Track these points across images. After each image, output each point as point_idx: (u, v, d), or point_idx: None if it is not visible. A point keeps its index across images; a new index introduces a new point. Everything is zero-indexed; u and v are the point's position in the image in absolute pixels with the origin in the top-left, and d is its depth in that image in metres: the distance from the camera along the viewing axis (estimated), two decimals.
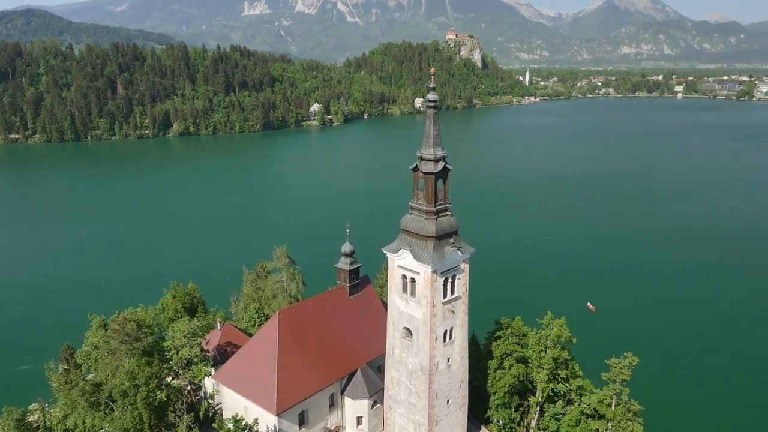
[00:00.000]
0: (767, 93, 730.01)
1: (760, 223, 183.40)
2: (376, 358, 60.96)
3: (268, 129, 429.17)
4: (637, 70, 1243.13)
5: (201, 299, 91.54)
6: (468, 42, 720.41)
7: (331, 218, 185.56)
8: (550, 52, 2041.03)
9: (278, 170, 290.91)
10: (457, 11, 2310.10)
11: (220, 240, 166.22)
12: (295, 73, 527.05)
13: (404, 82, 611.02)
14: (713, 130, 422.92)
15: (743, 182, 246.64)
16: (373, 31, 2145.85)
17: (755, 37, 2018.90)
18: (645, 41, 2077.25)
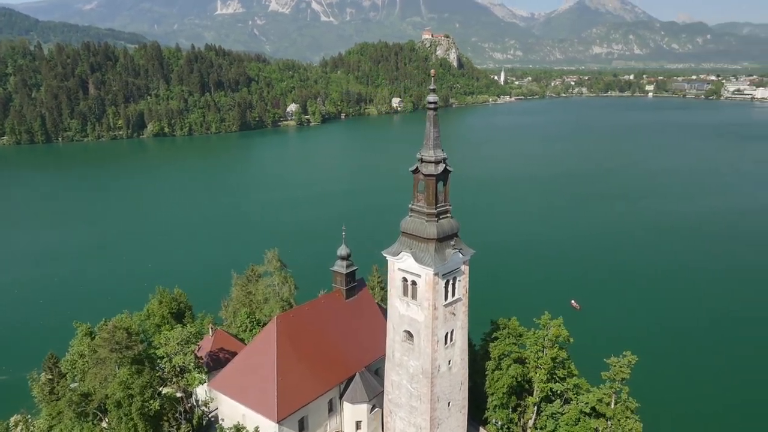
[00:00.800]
0: (734, 92, 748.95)
1: (733, 220, 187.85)
2: (373, 361, 60.45)
3: (245, 129, 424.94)
4: (609, 70, 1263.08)
5: (188, 304, 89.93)
6: (444, 42, 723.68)
7: (318, 219, 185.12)
8: (524, 52, 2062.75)
9: (259, 171, 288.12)
10: (432, 11, 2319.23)
11: (204, 243, 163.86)
12: (272, 73, 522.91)
13: (381, 82, 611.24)
14: (685, 129, 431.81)
15: (717, 180, 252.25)
16: (347, 30, 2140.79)
17: (721, 37, 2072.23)
18: (615, 41, 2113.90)
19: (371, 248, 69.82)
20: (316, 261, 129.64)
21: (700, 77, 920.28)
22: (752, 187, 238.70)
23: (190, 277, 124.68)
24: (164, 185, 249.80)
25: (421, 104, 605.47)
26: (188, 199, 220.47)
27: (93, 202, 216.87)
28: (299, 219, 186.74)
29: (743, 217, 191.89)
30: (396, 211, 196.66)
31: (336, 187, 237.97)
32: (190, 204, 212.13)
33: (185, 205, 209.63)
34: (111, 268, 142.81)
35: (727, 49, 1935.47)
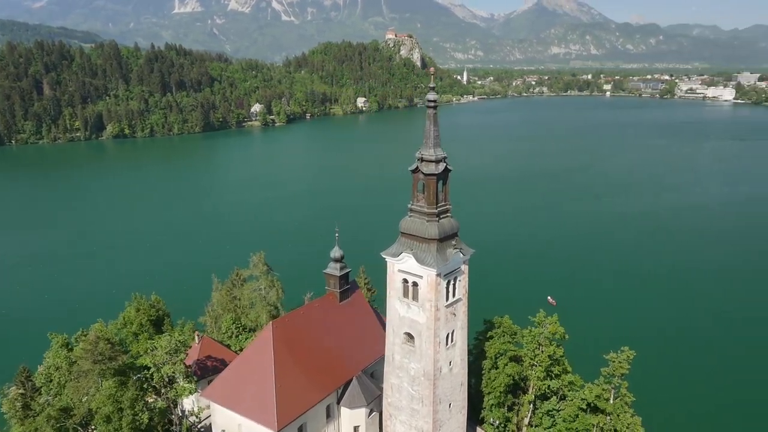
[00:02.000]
0: (687, 91, 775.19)
1: (703, 216, 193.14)
2: (370, 364, 59.43)
3: (208, 130, 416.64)
4: (567, 70, 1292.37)
5: (166, 311, 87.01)
6: (407, 42, 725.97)
7: (295, 221, 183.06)
8: (484, 52, 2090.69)
9: (229, 172, 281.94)
10: (393, 11, 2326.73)
11: (179, 248, 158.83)
12: (234, 73, 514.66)
13: (345, 82, 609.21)
14: (643, 127, 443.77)
15: (676, 176, 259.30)
16: (309, 30, 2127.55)
17: (673, 38, 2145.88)
18: (573, 42, 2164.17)
19: (350, 247, 69.33)
20: (300, 263, 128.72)
21: (655, 77, 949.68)
22: (714, 183, 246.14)
23: (167, 282, 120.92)
24: (130, 188, 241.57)
25: (386, 104, 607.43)
26: (158, 202, 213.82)
27: (55, 206, 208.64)
28: (276, 221, 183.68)
29: (711, 212, 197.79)
30: (376, 211, 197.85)
31: (311, 187, 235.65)
32: (161, 207, 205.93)
33: (155, 208, 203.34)
34: (80, 276, 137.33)
35: (679, 49, 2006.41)
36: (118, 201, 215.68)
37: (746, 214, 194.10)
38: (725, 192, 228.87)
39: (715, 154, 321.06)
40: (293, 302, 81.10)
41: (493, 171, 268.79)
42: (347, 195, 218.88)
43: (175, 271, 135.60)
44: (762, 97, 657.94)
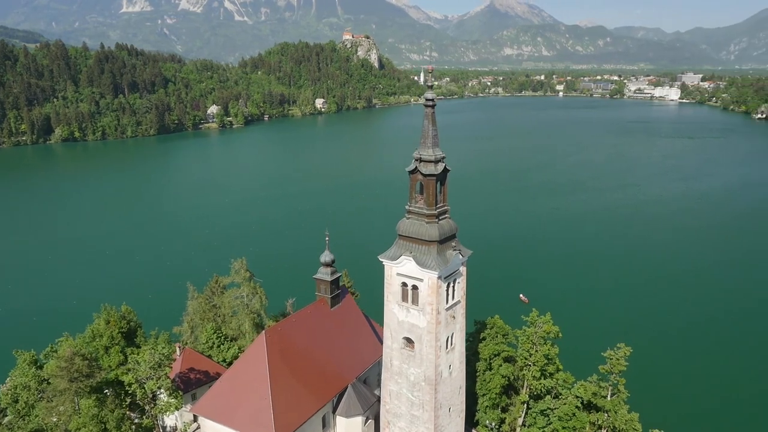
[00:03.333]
0: (636, 91, 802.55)
1: (655, 210, 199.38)
2: (364, 371, 57.90)
3: (163, 133, 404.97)
4: (520, 70, 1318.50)
5: (138, 322, 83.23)
6: (364, 43, 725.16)
7: (266, 225, 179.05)
8: (439, 53, 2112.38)
9: (190, 176, 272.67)
10: (348, 12, 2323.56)
11: (146, 255, 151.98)
12: (189, 74, 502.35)
13: (303, 83, 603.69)
14: (597, 126, 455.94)
15: (630, 174, 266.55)
16: (263, 30, 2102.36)
17: (619, 40, 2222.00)
18: (525, 43, 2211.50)
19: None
20: (278, 268, 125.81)
21: (604, 77, 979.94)
22: (670, 179, 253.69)
23: (137, 292, 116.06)
24: (87, 194, 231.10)
25: (345, 105, 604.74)
26: (119, 208, 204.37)
27: (4, 216, 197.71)
28: (247, 225, 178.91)
29: (672, 206, 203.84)
30: (354, 212, 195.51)
31: (279, 191, 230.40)
32: (122, 213, 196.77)
33: (116, 215, 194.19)
34: (40, 289, 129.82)
35: (625, 50, 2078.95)
36: (75, 208, 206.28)
37: (705, 208, 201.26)
38: (682, 187, 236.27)
39: (667, 151, 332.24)
40: (274, 309, 78.85)
41: (456, 171, 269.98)
42: (319, 197, 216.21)
43: (145, 280, 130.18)
44: (705, 96, 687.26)
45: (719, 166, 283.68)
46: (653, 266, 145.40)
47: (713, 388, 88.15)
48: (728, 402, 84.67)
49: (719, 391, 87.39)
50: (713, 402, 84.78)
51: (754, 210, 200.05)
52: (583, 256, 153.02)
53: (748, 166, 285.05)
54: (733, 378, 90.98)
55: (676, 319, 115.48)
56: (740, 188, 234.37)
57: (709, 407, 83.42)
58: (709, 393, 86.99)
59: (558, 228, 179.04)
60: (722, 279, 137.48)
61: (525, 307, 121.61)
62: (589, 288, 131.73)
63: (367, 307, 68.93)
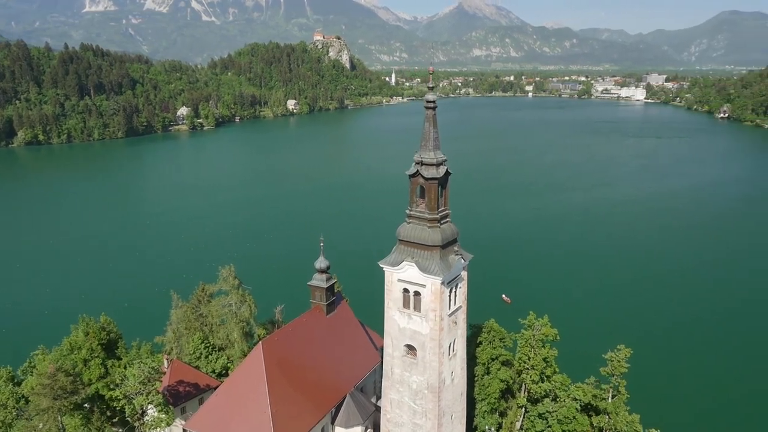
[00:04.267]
0: (603, 92, 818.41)
1: (626, 209, 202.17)
2: (361, 380, 56.54)
3: (132, 135, 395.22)
4: (489, 71, 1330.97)
5: (118, 333, 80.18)
6: (336, 43, 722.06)
7: (246, 230, 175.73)
8: (409, 54, 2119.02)
9: (163, 179, 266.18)
10: (317, 13, 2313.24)
11: (124, 263, 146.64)
12: (157, 75, 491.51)
13: (274, 84, 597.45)
14: (567, 126, 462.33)
15: (603, 173, 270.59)
16: (231, 31, 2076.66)
17: (585, 41, 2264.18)
18: (493, 44, 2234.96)
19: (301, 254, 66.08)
20: (265, 274, 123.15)
21: (572, 78, 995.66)
22: (641, 178, 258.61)
23: (115, 302, 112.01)
24: (55, 199, 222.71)
25: (317, 106, 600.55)
26: (91, 214, 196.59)
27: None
28: (225, 230, 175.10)
29: (646, 205, 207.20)
30: (335, 215, 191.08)
31: (256, 194, 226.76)
32: (95, 219, 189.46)
33: (89, 221, 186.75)
34: (12, 300, 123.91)
35: (591, 52, 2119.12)
36: (43, 214, 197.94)
37: (680, 207, 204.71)
38: (655, 186, 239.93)
39: (637, 151, 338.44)
40: (263, 316, 76.81)
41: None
42: (300, 200, 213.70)
43: (123, 289, 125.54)
44: (669, 97, 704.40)
45: (689, 164, 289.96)
46: (636, 265, 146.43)
47: (707, 387, 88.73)
48: (723, 400, 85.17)
49: (713, 390, 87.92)
50: (709, 401, 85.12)
51: (727, 207, 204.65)
52: (566, 256, 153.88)
53: (716, 164, 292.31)
54: (726, 376, 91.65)
55: (662, 317, 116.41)
56: (711, 186, 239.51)
57: (704, 406, 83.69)
58: (702, 391, 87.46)
59: (538, 228, 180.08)
60: (703, 276, 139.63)
61: (508, 307, 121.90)
62: (575, 288, 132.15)
63: (357, 311, 67.54)
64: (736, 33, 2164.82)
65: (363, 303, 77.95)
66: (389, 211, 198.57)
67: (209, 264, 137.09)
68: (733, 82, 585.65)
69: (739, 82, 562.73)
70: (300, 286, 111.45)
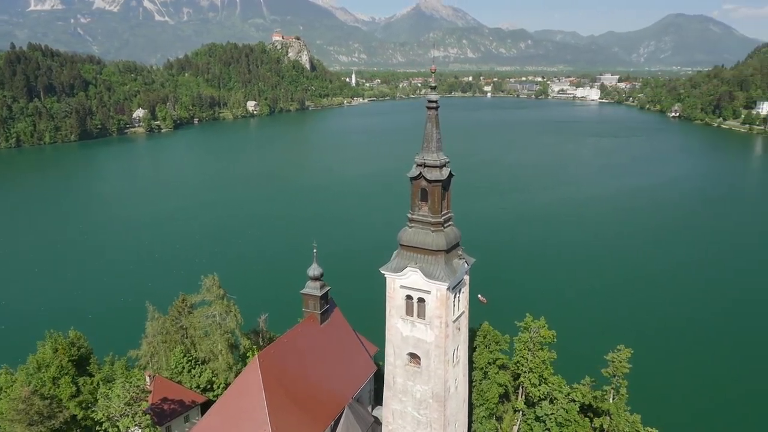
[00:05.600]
0: (559, 92, 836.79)
1: (592, 207, 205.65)
2: (359, 390, 54.60)
3: (85, 138, 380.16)
4: (447, 72, 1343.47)
5: (89, 348, 75.93)
6: (295, 44, 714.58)
7: (213, 233, 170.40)
8: (368, 55, 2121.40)
9: (121, 184, 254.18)
10: (274, 13, 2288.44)
11: (89, 273, 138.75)
12: (111, 76, 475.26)
13: (234, 85, 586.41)
14: (527, 125, 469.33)
15: (565, 172, 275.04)
16: (185, 31, 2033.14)
17: (540, 43, 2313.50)
18: (451, 45, 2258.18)
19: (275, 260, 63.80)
20: (245, 281, 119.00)
21: (529, 78, 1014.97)
22: (604, 176, 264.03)
23: (82, 315, 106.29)
24: (5, 207, 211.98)
25: (278, 107, 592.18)
26: (45, 222, 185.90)
27: None
28: (195, 236, 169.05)
29: (610, 203, 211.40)
30: (307, 219, 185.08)
31: (222, 197, 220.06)
32: (50, 227, 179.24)
33: (43, 230, 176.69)
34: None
35: (546, 53, 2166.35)
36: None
37: (644, 204, 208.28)
38: (617, 184, 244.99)
39: (597, 150, 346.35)
40: (247, 327, 73.79)
41: (395, 173, 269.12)
42: (271, 203, 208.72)
43: (92, 301, 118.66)
44: (622, 96, 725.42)
45: (652, 162, 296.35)
46: (616, 262, 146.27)
47: (702, 385, 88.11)
48: (719, 398, 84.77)
49: (708, 388, 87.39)
50: (705, 399, 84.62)
51: (696, 203, 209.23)
52: (537, 256, 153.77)
53: (678, 161, 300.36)
54: (720, 373, 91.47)
55: (650, 314, 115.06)
56: (677, 182, 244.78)
57: (701, 405, 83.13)
58: (698, 389, 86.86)
59: (506, 228, 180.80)
60: (686, 271, 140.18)
61: (484, 308, 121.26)
62: (557, 287, 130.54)
63: (346, 316, 65.60)
64: (681, 35, 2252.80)
65: (352, 307, 75.87)
66: (366, 212, 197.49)
67: (181, 272, 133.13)
68: (682, 83, 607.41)
69: (689, 82, 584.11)
70: (284, 292, 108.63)
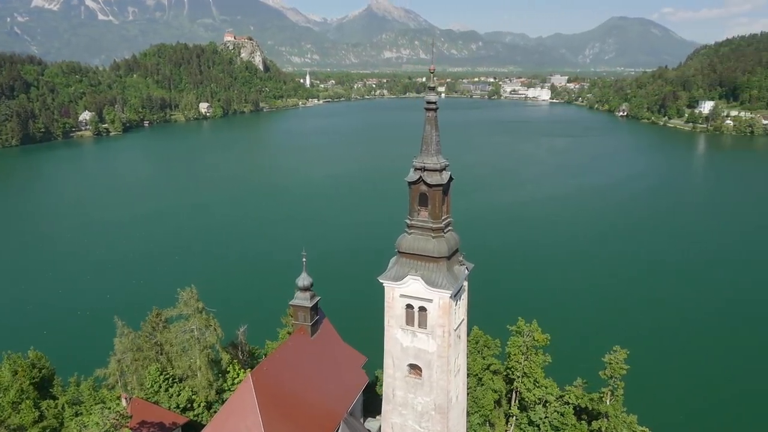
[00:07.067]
0: (511, 92, 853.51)
1: (551, 206, 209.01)
2: (352, 403, 52.44)
3: (28, 143, 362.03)
4: (401, 73, 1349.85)
5: (51, 369, 71.00)
6: (248, 44, 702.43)
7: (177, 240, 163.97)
8: (321, 56, 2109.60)
9: (69, 191, 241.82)
10: (223, 13, 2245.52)
11: (44, 285, 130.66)
12: (54, 77, 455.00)
13: (185, 87, 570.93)
14: (483, 125, 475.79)
15: (524, 171, 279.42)
16: (131, 31, 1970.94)
17: (490, 44, 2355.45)
18: (403, 46, 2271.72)
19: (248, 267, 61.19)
20: (215, 295, 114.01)
21: (481, 79, 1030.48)
22: (562, 174, 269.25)
23: (43, 333, 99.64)
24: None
25: (231, 109, 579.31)
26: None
27: None
28: (155, 243, 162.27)
29: (567, 202, 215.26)
30: (282, 221, 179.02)
31: (180, 202, 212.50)
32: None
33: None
34: None
35: (496, 54, 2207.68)
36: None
37: (604, 202, 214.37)
38: (575, 182, 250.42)
39: (552, 148, 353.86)
40: (226, 340, 70.32)
41: (357, 175, 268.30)
42: (234, 209, 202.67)
43: (52, 318, 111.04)
44: (572, 97, 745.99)
45: (607, 161, 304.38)
46: (588, 263, 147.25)
47: (696, 383, 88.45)
48: (712, 396, 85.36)
49: (698, 388, 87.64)
50: (696, 399, 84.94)
51: (659, 201, 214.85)
52: (509, 256, 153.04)
53: (629, 159, 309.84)
54: (708, 373, 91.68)
55: (637, 313, 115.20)
56: (631, 180, 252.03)
57: (692, 404, 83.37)
58: (692, 388, 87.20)
59: (474, 230, 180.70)
60: (656, 270, 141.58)
61: (472, 312, 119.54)
62: (536, 290, 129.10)
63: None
64: (624, 37, 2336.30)
65: (336, 316, 73.49)
66: (337, 213, 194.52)
67: (149, 283, 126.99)
68: (629, 83, 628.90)
69: (635, 82, 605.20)
70: (261, 302, 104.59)
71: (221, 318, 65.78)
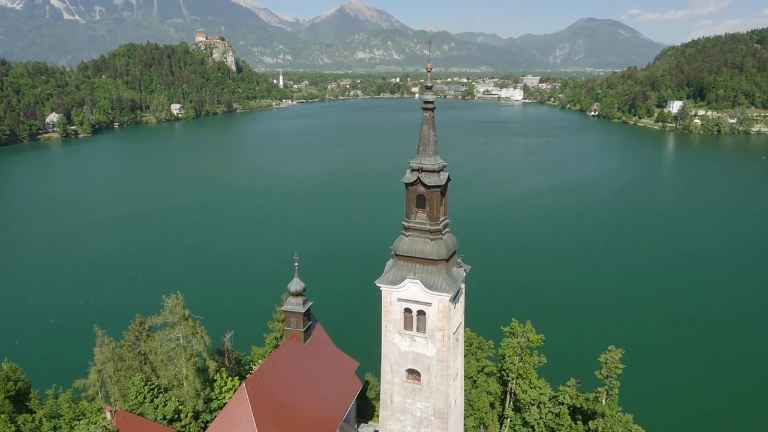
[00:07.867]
0: (484, 92, 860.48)
1: (527, 203, 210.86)
2: (347, 410, 51.29)
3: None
4: (374, 73, 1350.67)
5: (27, 381, 68.26)
6: (220, 45, 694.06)
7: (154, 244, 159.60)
8: (293, 57, 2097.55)
9: (35, 195, 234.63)
10: (194, 13, 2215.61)
11: (8, 295, 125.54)
12: (19, 78, 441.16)
13: (156, 87, 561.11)
14: (459, 126, 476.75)
15: (500, 170, 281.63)
16: (99, 31, 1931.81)
17: (462, 45, 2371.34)
18: (376, 47, 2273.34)
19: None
20: (199, 302, 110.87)
21: (455, 80, 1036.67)
22: (537, 173, 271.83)
23: (16, 344, 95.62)
24: None
25: (204, 110, 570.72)
26: None
27: None
28: (131, 247, 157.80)
29: (543, 199, 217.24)
30: (266, 222, 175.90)
31: (156, 205, 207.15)
32: None
33: None
34: None
35: (468, 55, 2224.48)
36: None
37: (591, 202, 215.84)
38: (550, 180, 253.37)
39: (527, 148, 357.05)
40: (213, 348, 68.35)
41: (335, 176, 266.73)
42: (211, 212, 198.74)
43: (26, 329, 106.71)
44: (544, 97, 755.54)
45: (582, 159, 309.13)
46: (576, 262, 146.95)
47: (685, 384, 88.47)
48: (705, 398, 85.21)
49: (693, 387, 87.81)
50: (692, 398, 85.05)
51: (641, 198, 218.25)
52: (498, 256, 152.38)
53: (605, 157, 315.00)
54: (703, 373, 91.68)
55: (629, 313, 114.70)
56: (604, 178, 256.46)
57: (687, 403, 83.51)
58: (683, 389, 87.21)
59: (457, 229, 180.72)
60: (625, 265, 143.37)
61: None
62: (526, 290, 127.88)
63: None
64: (593, 38, 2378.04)
65: (327, 320, 72.23)
66: (318, 214, 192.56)
67: (127, 290, 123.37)
68: (599, 83, 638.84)
69: (605, 82, 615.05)
70: (246, 307, 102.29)
71: (205, 324, 63.88)
